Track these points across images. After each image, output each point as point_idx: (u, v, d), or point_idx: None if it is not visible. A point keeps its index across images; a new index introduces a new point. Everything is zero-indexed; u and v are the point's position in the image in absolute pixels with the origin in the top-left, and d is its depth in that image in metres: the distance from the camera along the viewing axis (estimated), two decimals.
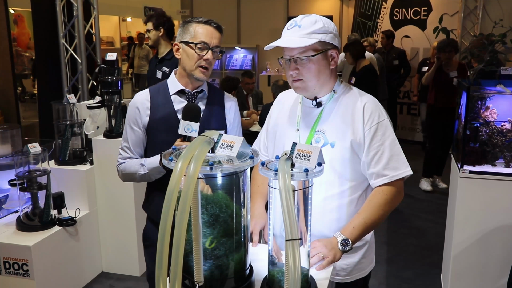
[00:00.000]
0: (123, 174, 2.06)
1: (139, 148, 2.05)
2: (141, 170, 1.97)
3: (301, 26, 1.61)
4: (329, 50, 1.64)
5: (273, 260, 1.28)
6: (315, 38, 1.59)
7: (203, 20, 1.95)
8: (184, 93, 2.00)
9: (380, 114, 1.66)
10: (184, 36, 1.94)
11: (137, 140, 2.03)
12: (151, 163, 1.95)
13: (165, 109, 1.99)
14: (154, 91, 2.04)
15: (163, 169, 1.92)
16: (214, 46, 1.94)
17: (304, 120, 1.73)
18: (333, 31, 1.64)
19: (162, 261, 1.11)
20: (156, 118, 1.98)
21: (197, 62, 1.93)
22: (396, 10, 7.81)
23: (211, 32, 1.94)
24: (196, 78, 1.95)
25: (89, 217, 3.42)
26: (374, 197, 1.63)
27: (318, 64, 1.63)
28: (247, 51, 9.38)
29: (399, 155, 1.64)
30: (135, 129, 2.02)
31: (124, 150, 2.06)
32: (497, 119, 2.92)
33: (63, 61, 4.76)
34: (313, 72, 1.63)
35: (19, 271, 2.85)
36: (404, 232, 4.29)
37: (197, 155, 1.14)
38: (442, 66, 5.35)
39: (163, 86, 2.05)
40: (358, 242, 1.68)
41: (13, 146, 3.35)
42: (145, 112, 2.00)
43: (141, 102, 2.01)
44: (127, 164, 2.03)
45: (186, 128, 1.76)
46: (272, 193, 1.24)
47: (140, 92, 2.07)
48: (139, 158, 2.04)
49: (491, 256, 2.93)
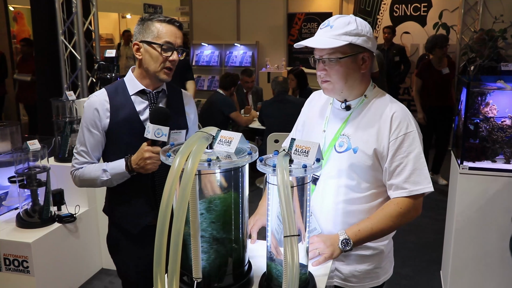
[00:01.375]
0: (81, 180, 1.93)
1: (97, 152, 1.93)
2: (103, 176, 1.86)
3: (332, 27, 1.56)
4: (360, 54, 1.58)
5: (272, 257, 1.28)
6: (345, 40, 1.54)
7: (165, 19, 1.85)
8: (145, 93, 1.91)
9: (409, 124, 1.58)
10: (146, 35, 1.84)
11: (96, 143, 1.91)
12: (114, 167, 1.85)
13: (125, 110, 1.88)
14: (111, 91, 1.91)
15: (128, 173, 1.83)
16: (178, 46, 1.86)
17: (331, 122, 1.69)
18: (366, 34, 1.57)
19: (161, 258, 1.10)
20: (117, 120, 1.87)
21: (162, 63, 1.84)
22: (396, 6, 7.79)
23: (175, 32, 1.85)
24: (160, 79, 1.88)
25: (88, 214, 3.42)
26: (388, 206, 1.59)
27: (346, 67, 1.58)
28: (246, 48, 9.36)
29: (422, 170, 1.57)
30: (93, 132, 1.89)
31: (80, 155, 1.92)
32: (497, 115, 2.91)
33: (62, 58, 4.75)
34: (340, 75, 1.58)
35: (19, 267, 2.86)
36: (403, 229, 4.28)
37: (195, 151, 1.13)
38: (433, 64, 5.34)
39: (121, 85, 1.93)
40: (372, 250, 1.67)
41: (12, 143, 3.34)
42: (104, 113, 1.87)
43: (100, 103, 1.88)
44: (85, 170, 1.90)
45: (156, 132, 1.69)
46: (270, 189, 1.24)
47: (95, 92, 1.95)
48: (97, 163, 1.94)
49: (490, 253, 2.92)
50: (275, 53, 9.26)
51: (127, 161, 1.82)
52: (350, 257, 1.67)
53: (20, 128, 3.49)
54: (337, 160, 1.62)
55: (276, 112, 4.81)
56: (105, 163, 1.90)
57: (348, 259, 1.67)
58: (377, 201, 1.65)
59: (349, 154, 1.60)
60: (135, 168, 1.80)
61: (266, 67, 9.09)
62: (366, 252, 1.67)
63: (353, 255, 1.66)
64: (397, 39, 7.55)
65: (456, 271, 3.02)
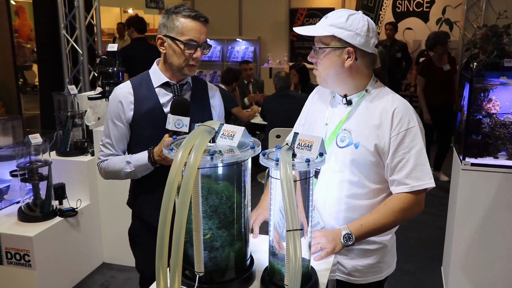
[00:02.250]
0: (106, 172, 1.96)
1: (122, 144, 1.95)
2: (127, 167, 1.88)
3: (327, 17, 1.59)
4: (345, 48, 1.56)
5: (274, 251, 1.27)
6: (328, 32, 1.55)
7: (191, 14, 1.82)
8: (169, 85, 1.92)
9: (411, 120, 1.57)
10: (170, 30, 1.82)
11: (120, 136, 1.93)
12: (137, 159, 1.86)
13: (149, 102, 1.89)
14: (136, 84, 1.93)
15: (151, 165, 1.84)
16: (203, 42, 1.85)
17: (333, 116, 1.69)
18: (355, 31, 1.54)
19: (163, 252, 1.10)
20: (141, 112, 1.89)
21: (185, 60, 1.84)
22: (399, 2, 7.77)
23: (199, 28, 1.83)
24: (184, 74, 1.89)
25: (90, 208, 3.43)
26: (390, 201, 1.59)
27: (328, 59, 1.59)
28: (248, 43, 9.34)
29: (424, 165, 1.56)
30: (118, 124, 1.91)
31: (106, 147, 1.95)
32: (500, 111, 2.90)
33: (64, 52, 4.75)
34: (322, 65, 1.61)
35: (20, 261, 2.86)
36: (405, 225, 4.29)
37: (197, 145, 1.12)
38: (434, 62, 5.31)
39: (145, 78, 1.94)
40: (375, 245, 1.67)
41: (14, 137, 3.35)
42: (128, 106, 1.89)
43: (124, 95, 1.90)
44: (110, 162, 1.93)
45: (176, 123, 1.69)
46: (273, 183, 1.24)
47: (120, 85, 1.96)
48: (122, 155, 1.95)
49: (492, 249, 2.92)
50: (277, 48, 9.23)
51: (149, 153, 1.83)
52: (354, 252, 1.67)
53: (22, 122, 3.50)
54: (339, 155, 1.62)
55: (278, 107, 4.80)
56: (129, 155, 1.93)
57: (352, 253, 1.67)
58: (380, 197, 1.64)
59: (351, 149, 1.60)
60: (157, 160, 1.81)
61: (268, 63, 9.07)
62: (370, 246, 1.67)
63: (357, 249, 1.66)
64: (399, 35, 7.52)
65: (457, 267, 3.02)
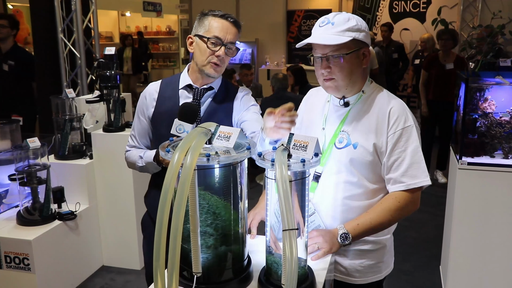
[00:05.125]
0: (127, 162, 2.06)
1: (144, 139, 2.03)
2: (139, 162, 1.96)
3: (334, 24, 1.56)
4: (362, 49, 1.60)
5: (271, 251, 1.28)
6: (349, 36, 1.55)
7: (219, 13, 1.86)
8: (192, 88, 1.94)
9: (407, 119, 1.59)
10: (199, 29, 1.87)
11: (142, 130, 2.01)
12: (148, 156, 1.93)
13: (170, 102, 1.93)
14: (165, 83, 2.00)
15: (156, 164, 1.88)
16: (229, 42, 1.84)
17: (330, 119, 1.70)
18: (365, 30, 1.59)
19: (160, 252, 1.11)
20: (161, 110, 1.94)
21: (208, 57, 1.84)
22: (395, 2, 7.79)
23: (226, 27, 1.84)
24: (206, 74, 1.88)
25: (89, 211, 3.43)
26: (386, 200, 1.60)
27: (350, 63, 1.58)
28: (246, 45, 9.36)
29: (419, 164, 1.58)
30: (141, 119, 2.00)
31: (131, 138, 2.05)
32: (496, 111, 2.92)
33: (61, 56, 4.75)
34: (345, 71, 1.58)
35: (20, 265, 2.87)
36: (404, 224, 4.30)
37: (194, 146, 1.14)
38: (439, 58, 5.33)
39: (175, 78, 1.99)
40: (375, 245, 1.68)
41: (12, 141, 3.35)
42: (151, 103, 1.97)
43: (150, 92, 1.99)
44: (131, 153, 2.02)
45: (178, 128, 1.69)
46: (269, 183, 1.25)
47: (154, 82, 2.05)
48: (143, 149, 2.02)
49: (490, 248, 2.93)
50: (274, 50, 9.26)
51: (157, 153, 1.87)
52: (353, 252, 1.67)
53: (20, 126, 3.50)
54: (337, 156, 1.63)
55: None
56: (144, 150, 2.00)
57: (351, 254, 1.67)
58: (378, 197, 1.65)
59: (349, 150, 1.61)
60: (161, 160, 1.85)
61: (265, 64, 9.09)
62: (369, 246, 1.67)
63: (356, 250, 1.67)
64: (396, 36, 7.55)
65: (455, 266, 3.03)
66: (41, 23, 4.76)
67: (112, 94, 3.39)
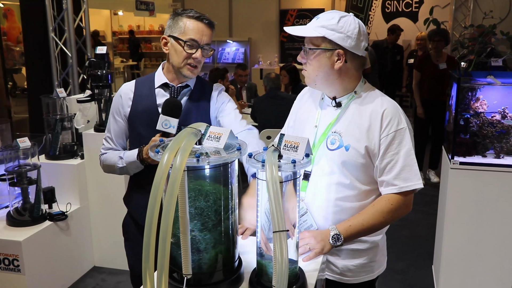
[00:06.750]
0: (104, 165, 2.03)
1: (121, 140, 2.01)
2: (119, 163, 1.93)
3: (318, 18, 1.59)
4: (334, 50, 1.56)
5: (262, 252, 1.27)
6: (319, 33, 1.55)
7: (194, 14, 1.86)
8: (168, 87, 1.95)
9: (400, 121, 1.58)
10: (174, 30, 1.86)
11: (119, 131, 2.00)
12: (128, 156, 1.91)
13: (147, 101, 1.94)
14: (140, 82, 2.00)
15: (140, 164, 1.88)
16: (204, 44, 1.86)
17: (323, 118, 1.69)
18: (347, 33, 1.54)
19: (149, 254, 1.10)
20: (137, 109, 1.94)
21: (185, 60, 1.86)
22: (388, 2, 7.81)
23: (202, 29, 1.85)
24: (183, 75, 1.90)
25: (80, 212, 3.41)
26: (379, 203, 1.59)
27: (318, 60, 1.59)
28: (239, 44, 9.35)
29: (412, 166, 1.57)
30: (117, 119, 1.98)
31: (107, 141, 2.02)
32: (487, 110, 2.93)
33: (53, 55, 4.72)
34: (312, 66, 1.61)
35: (9, 266, 2.84)
36: (397, 224, 4.30)
37: (183, 147, 1.12)
38: (431, 58, 5.35)
39: (150, 78, 1.99)
40: (367, 244, 1.67)
41: (2, 140, 3.32)
42: (127, 102, 1.96)
43: (125, 92, 1.98)
44: (108, 155, 2.00)
45: (164, 123, 1.70)
46: (259, 185, 1.24)
47: (128, 82, 2.04)
48: (120, 150, 2.01)
49: (482, 246, 2.94)
50: (267, 49, 9.25)
51: (139, 151, 1.87)
52: (346, 252, 1.67)
53: (10, 126, 3.47)
54: (330, 157, 1.62)
55: (269, 108, 4.80)
56: (123, 151, 1.98)
57: (344, 253, 1.67)
58: (370, 198, 1.65)
59: (341, 152, 1.60)
60: (145, 158, 1.85)
61: (258, 64, 9.08)
62: (361, 246, 1.67)
63: (349, 249, 1.66)
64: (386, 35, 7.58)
65: (448, 265, 3.04)
66: (32, 22, 4.72)
67: (104, 93, 3.36)
